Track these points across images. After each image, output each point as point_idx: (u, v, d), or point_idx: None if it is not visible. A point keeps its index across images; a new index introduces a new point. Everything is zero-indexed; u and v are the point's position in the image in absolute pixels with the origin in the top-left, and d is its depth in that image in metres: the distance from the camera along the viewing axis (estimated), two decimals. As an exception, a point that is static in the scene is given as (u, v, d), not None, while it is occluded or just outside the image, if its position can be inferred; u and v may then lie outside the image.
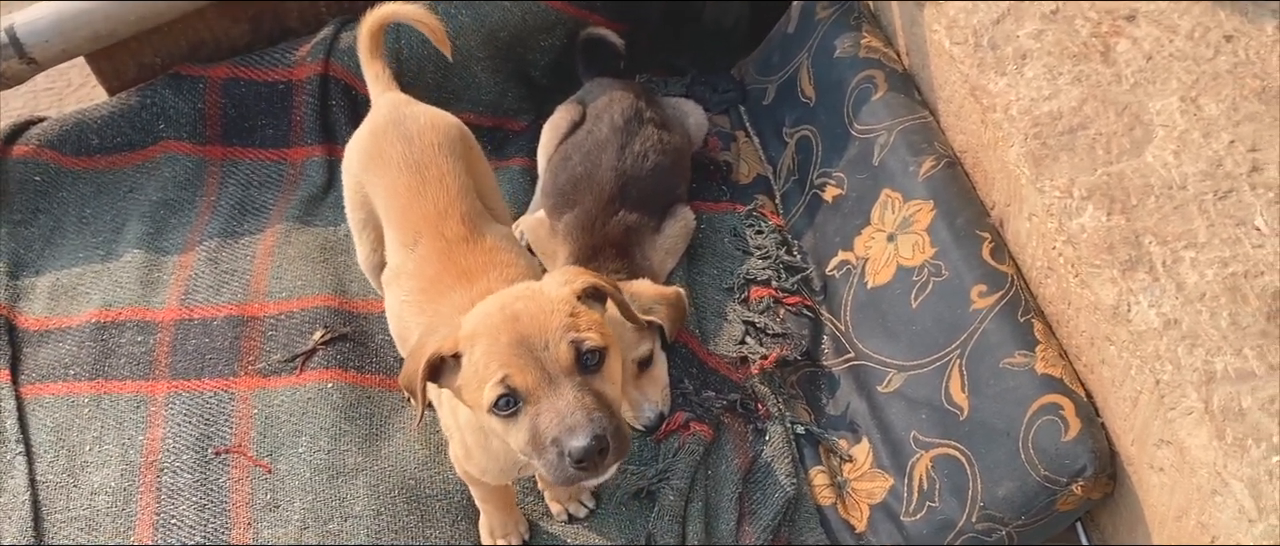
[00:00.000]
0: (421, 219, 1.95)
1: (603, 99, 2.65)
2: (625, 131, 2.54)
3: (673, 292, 2.27)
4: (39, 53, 2.66)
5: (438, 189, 1.98)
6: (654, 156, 2.52)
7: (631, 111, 2.58)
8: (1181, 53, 2.13)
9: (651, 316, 2.21)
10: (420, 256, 1.94)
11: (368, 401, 2.28)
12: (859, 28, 2.61)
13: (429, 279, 1.91)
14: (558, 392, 1.51)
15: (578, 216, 2.45)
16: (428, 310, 1.89)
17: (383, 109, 2.12)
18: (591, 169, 2.49)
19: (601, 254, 2.40)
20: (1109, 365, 1.86)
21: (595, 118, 2.61)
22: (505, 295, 1.61)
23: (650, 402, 2.18)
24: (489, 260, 1.91)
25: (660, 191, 2.53)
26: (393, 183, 2.00)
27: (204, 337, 2.39)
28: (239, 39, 2.90)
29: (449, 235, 1.93)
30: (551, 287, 1.61)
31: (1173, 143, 1.98)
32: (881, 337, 2.25)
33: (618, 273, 2.36)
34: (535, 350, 1.52)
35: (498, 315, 1.55)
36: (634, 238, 2.44)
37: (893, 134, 2.39)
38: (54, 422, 2.27)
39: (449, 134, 2.08)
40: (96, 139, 2.78)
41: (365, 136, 2.11)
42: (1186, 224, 1.87)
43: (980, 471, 1.98)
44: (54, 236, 2.67)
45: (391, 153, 2.02)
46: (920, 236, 2.23)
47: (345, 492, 2.13)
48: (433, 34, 2.28)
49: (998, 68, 2.20)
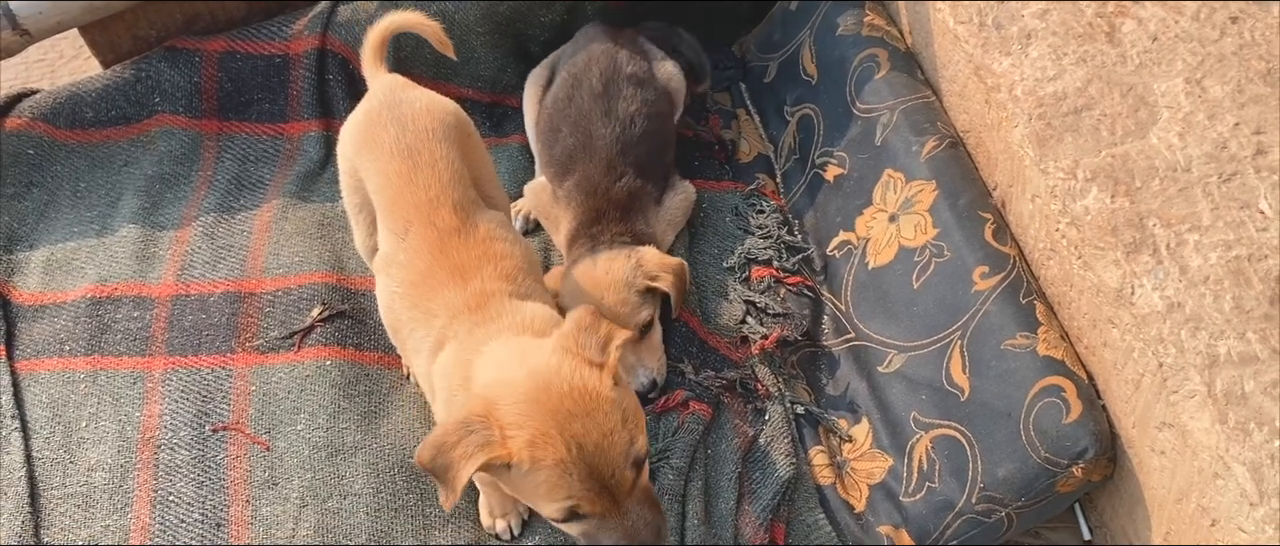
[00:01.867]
0: (412, 206, 1.93)
1: (581, 57, 2.61)
2: (607, 95, 2.51)
3: (677, 263, 2.28)
4: (32, 25, 2.62)
5: (429, 175, 1.95)
6: (641, 122, 2.50)
7: (610, 71, 2.55)
8: (1187, 34, 2.11)
9: (657, 284, 2.22)
10: (411, 246, 1.91)
11: (366, 378, 2.27)
12: (862, 5, 2.59)
13: (420, 272, 1.88)
14: (623, 513, 1.62)
15: (579, 181, 2.44)
16: (420, 306, 1.87)
17: (379, 92, 2.09)
18: (585, 140, 2.48)
19: (605, 217, 2.39)
20: (1111, 348, 1.86)
21: (574, 81, 2.57)
22: (553, 394, 1.58)
23: (646, 368, 2.25)
24: (482, 252, 1.89)
25: (654, 154, 2.51)
26: (385, 168, 1.98)
27: (201, 314, 2.38)
28: (235, 12, 2.87)
29: (440, 225, 1.90)
30: (591, 378, 1.60)
31: (1177, 125, 1.97)
32: (882, 318, 2.25)
33: (620, 236, 2.36)
34: (602, 479, 1.58)
35: (559, 441, 1.55)
36: (637, 203, 2.44)
37: (895, 113, 2.37)
38: (50, 399, 2.25)
39: (444, 120, 2.04)
40: (91, 112, 2.74)
41: (360, 119, 2.08)
42: (1191, 206, 1.86)
43: (981, 452, 1.98)
44: (48, 210, 2.65)
45: (384, 137, 1.99)
46: (922, 217, 2.22)
47: (344, 470, 2.12)
48: (434, 37, 2.27)
49: (1002, 47, 2.19)
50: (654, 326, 2.28)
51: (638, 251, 2.30)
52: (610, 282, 2.24)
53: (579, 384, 1.59)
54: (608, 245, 2.33)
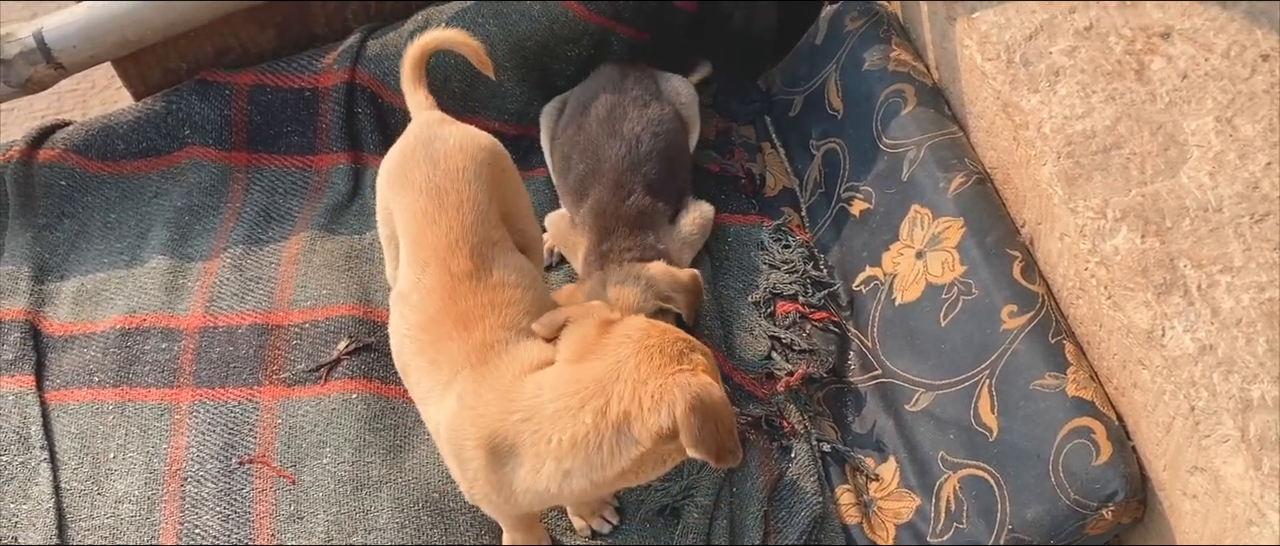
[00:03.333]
0: (431, 247, 1.93)
1: (589, 86, 2.67)
2: (612, 118, 2.55)
3: (688, 276, 2.28)
4: (66, 58, 2.66)
5: (454, 217, 1.95)
6: (649, 140, 2.52)
7: (615, 95, 2.59)
8: (1217, 72, 2.10)
9: (669, 304, 2.22)
10: (425, 287, 1.91)
11: (392, 412, 2.28)
12: (888, 40, 2.59)
13: (429, 317, 1.88)
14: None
15: (592, 204, 2.47)
16: (427, 355, 1.87)
17: (416, 128, 2.11)
18: (594, 164, 2.51)
19: (615, 234, 2.41)
20: (1141, 389, 1.84)
21: (582, 109, 2.62)
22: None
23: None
24: (489, 301, 1.88)
25: (665, 172, 2.53)
26: (413, 205, 1.98)
27: (228, 346, 2.39)
28: (265, 45, 2.90)
29: (455, 270, 1.90)
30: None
31: (1208, 164, 1.96)
32: (909, 355, 2.24)
33: (629, 251, 2.37)
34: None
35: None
36: (647, 221, 2.45)
37: (922, 149, 2.37)
38: (78, 429, 2.27)
39: (478, 157, 2.04)
40: (122, 144, 2.78)
41: (395, 155, 2.10)
42: (1222, 247, 1.84)
43: (1009, 493, 1.96)
44: (79, 241, 2.68)
45: (416, 174, 2.01)
46: (950, 254, 2.21)
47: (369, 505, 2.12)
48: (474, 56, 2.28)
49: (1030, 84, 2.18)
50: None
51: (646, 271, 2.30)
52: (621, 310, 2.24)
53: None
54: (616, 262, 2.33)
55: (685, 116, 2.72)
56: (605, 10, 2.82)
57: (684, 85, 2.75)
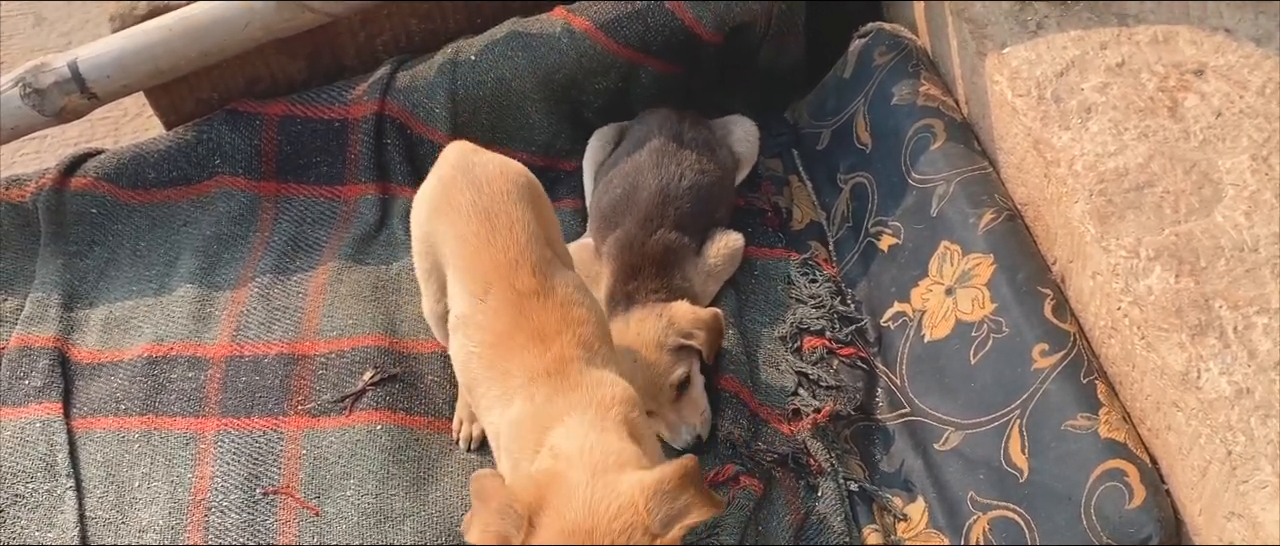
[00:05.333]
0: (491, 268, 1.95)
1: (645, 126, 2.69)
2: (662, 153, 2.57)
3: (710, 315, 2.27)
4: (100, 88, 2.68)
5: (507, 237, 1.97)
6: (691, 176, 2.53)
7: (672, 136, 2.61)
8: (1252, 109, 2.08)
9: (690, 342, 2.22)
10: (491, 308, 1.92)
11: (416, 444, 2.27)
12: (918, 75, 2.58)
13: (499, 334, 1.90)
14: None
15: (619, 237, 2.47)
16: (498, 367, 1.89)
17: (450, 158, 2.12)
18: (631, 191, 2.52)
19: (641, 273, 2.40)
20: (1176, 432, 1.81)
21: (636, 143, 2.64)
22: (585, 499, 1.60)
23: (688, 425, 2.26)
24: (562, 318, 1.90)
25: (699, 212, 2.53)
26: (462, 231, 1.99)
27: (254, 375, 2.39)
28: (296, 75, 2.92)
29: (520, 287, 1.92)
30: (628, 484, 1.62)
31: (1244, 203, 1.94)
32: (939, 394, 2.21)
33: (656, 293, 2.37)
34: None
35: None
36: (674, 257, 2.44)
37: (952, 184, 2.35)
38: (104, 457, 2.28)
39: (518, 182, 2.07)
40: (153, 173, 2.80)
41: (433, 186, 2.11)
42: (1259, 288, 1.82)
43: (1040, 536, 1.93)
44: (108, 269, 2.70)
45: (460, 200, 2.01)
46: (980, 291, 2.19)
47: (392, 537, 2.11)
48: None
49: (1062, 121, 2.16)
50: (693, 382, 2.29)
51: (669, 309, 2.30)
52: (642, 344, 2.25)
53: (620, 501, 1.59)
54: (641, 303, 2.33)
55: (737, 152, 2.75)
56: (634, 42, 2.82)
57: (752, 127, 2.81)
